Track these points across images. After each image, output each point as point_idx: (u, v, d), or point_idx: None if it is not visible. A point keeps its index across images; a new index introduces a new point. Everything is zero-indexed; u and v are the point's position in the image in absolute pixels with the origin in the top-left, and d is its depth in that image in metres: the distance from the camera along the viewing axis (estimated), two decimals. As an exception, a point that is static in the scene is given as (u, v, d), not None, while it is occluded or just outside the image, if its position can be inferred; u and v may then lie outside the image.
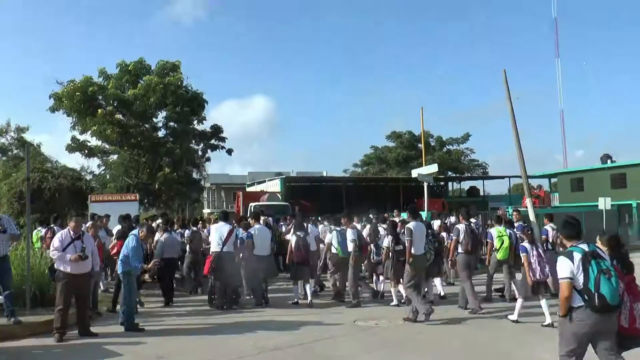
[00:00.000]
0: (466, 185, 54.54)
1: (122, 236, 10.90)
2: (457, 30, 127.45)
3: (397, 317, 9.49)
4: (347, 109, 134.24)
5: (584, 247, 4.99)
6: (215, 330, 8.76)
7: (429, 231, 10.17)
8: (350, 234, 11.07)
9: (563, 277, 4.92)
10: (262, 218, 12.71)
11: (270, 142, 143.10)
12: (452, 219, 15.35)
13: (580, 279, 4.85)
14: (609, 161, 40.33)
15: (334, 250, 11.31)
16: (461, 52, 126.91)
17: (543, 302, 8.82)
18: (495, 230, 10.77)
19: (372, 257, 11.71)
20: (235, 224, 12.10)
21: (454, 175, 53.54)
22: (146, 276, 11.09)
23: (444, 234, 12.22)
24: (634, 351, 5.23)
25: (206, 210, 53.65)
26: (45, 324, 8.41)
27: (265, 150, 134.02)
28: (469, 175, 54.98)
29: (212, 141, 30.50)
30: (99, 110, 25.51)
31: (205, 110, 29.71)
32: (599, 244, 5.43)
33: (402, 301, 9.91)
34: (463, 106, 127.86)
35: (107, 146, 28.62)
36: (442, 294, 11.57)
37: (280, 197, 31.14)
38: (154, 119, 29.10)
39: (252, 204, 25.83)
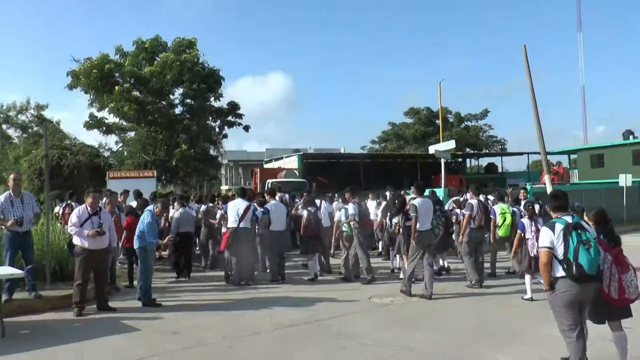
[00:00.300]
0: (484, 161, 54.03)
1: (132, 212, 11.01)
2: (476, 4, 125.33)
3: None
4: (366, 86, 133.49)
5: (568, 218, 5.14)
6: (231, 306, 8.84)
7: (437, 207, 10.06)
8: (351, 209, 10.95)
9: (542, 246, 5.14)
10: (277, 194, 12.78)
11: (287, 119, 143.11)
12: (468, 195, 15.22)
13: (561, 249, 5.02)
14: (630, 137, 39.65)
15: (343, 228, 11.17)
16: (480, 27, 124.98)
17: (527, 278, 9.00)
18: (499, 207, 10.75)
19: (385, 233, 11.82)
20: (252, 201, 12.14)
21: (472, 151, 53.07)
22: (163, 252, 11.21)
23: (458, 211, 12.13)
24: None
25: (224, 187, 53.90)
26: (64, 299, 8.55)
27: (283, 127, 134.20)
28: (487, 151, 54.46)
29: (229, 118, 30.42)
30: (116, 88, 25.54)
31: (221, 87, 29.61)
32: (586, 218, 5.52)
33: (419, 277, 9.91)
34: (483, 82, 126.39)
35: (124, 123, 28.72)
36: (445, 265, 11.82)
37: (297, 173, 31.11)
38: (170, 96, 29.07)
39: (270, 181, 25.85)
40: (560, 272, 5.05)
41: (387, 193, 14.73)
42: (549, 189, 19.21)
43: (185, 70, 26.91)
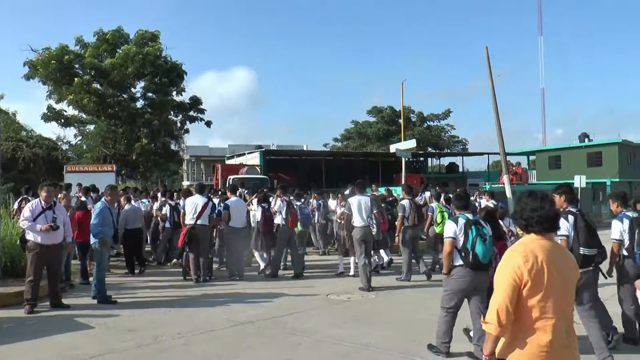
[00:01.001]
0: (445, 161, 54.88)
1: (82, 207, 10.86)
2: (440, 6, 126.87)
3: (370, 292, 9.65)
4: (330, 84, 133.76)
5: (469, 216, 6.00)
6: (188, 303, 8.81)
7: (382, 205, 11.25)
8: (277, 206, 11.63)
9: (447, 236, 5.93)
10: (238, 191, 12.79)
11: (251, 115, 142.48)
12: (427, 194, 15.50)
13: (461, 240, 5.80)
14: (586, 140, 40.84)
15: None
16: (445, 29, 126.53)
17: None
18: (436, 205, 11.75)
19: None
20: (210, 197, 12.14)
21: (434, 151, 53.79)
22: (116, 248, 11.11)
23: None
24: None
25: (185, 183, 53.36)
26: (15, 296, 8.39)
27: (246, 123, 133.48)
28: (448, 151, 55.28)
29: (191, 113, 30.15)
30: (76, 79, 25.01)
31: (184, 81, 29.41)
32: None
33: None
34: (446, 83, 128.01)
35: (84, 116, 28.18)
36: (385, 259, 12.21)
37: (259, 170, 31.03)
38: (132, 89, 28.69)
39: (231, 177, 25.73)
40: (458, 261, 5.83)
41: (347, 192, 14.85)
42: (507, 189, 19.71)
43: (147, 64, 26.55)
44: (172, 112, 29.51)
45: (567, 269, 3.04)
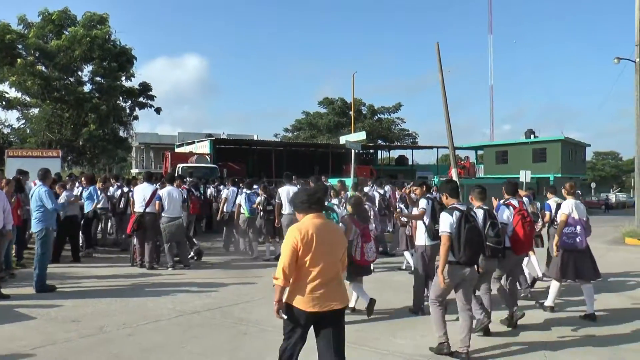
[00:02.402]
0: (395, 154, 55.61)
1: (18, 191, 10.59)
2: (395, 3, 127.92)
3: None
4: (282, 74, 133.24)
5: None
6: (134, 292, 8.77)
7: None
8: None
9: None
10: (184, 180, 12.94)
11: (202, 103, 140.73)
12: (366, 189, 15.79)
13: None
14: (532, 136, 42.17)
15: (242, 211, 12.48)
16: (398, 23, 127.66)
17: (406, 254, 10.73)
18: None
19: None
20: (158, 185, 12.08)
21: (384, 143, 54.41)
22: None
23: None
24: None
25: (134, 170, 52.38)
26: (-47, 284, 8.15)
27: (197, 111, 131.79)
28: (398, 144, 56.01)
29: (141, 99, 29.58)
30: (19, 60, 24.11)
31: (134, 66, 28.77)
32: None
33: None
34: (397, 76, 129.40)
35: (27, 98, 27.18)
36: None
37: (208, 159, 30.76)
38: (79, 73, 27.84)
39: (180, 165, 25.45)
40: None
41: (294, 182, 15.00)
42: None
43: (95, 47, 25.81)
44: (121, 98, 28.80)
45: (332, 239, 4.27)
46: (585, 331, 6.88)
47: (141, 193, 11.14)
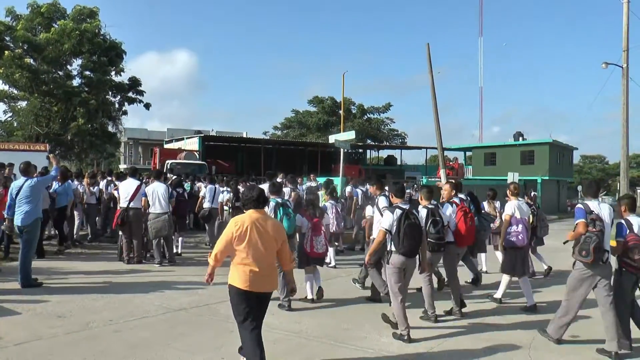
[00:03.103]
0: (384, 153, 55.79)
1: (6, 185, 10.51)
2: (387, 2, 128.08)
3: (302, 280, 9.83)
4: (272, 72, 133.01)
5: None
6: (121, 289, 8.73)
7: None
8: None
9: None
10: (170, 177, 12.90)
11: (192, 100, 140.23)
12: (348, 188, 15.88)
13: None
14: (520, 139, 42.44)
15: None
16: (389, 23, 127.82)
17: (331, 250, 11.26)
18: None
19: None
20: (144, 181, 12.16)
21: (373, 143, 54.55)
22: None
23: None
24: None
25: (122, 166, 52.08)
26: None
27: (187, 107, 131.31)
28: (387, 144, 56.18)
29: (130, 94, 29.38)
30: (6, 52, 23.86)
31: (123, 61, 28.58)
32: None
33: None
34: (388, 76, 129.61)
35: (15, 91, 26.91)
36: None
37: (197, 155, 30.68)
38: (68, 67, 27.61)
39: (169, 161, 25.41)
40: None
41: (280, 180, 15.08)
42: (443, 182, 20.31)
43: (85, 41, 25.61)
44: (110, 93, 28.62)
45: (267, 232, 4.96)
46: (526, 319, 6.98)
47: (126, 188, 11.19)
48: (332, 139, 18.46)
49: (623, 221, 6.19)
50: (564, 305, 6.39)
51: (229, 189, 13.60)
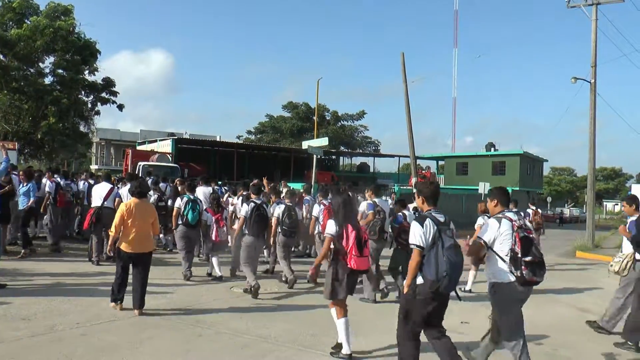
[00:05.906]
0: (357, 160, 56.09)
1: None
2: (361, 9, 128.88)
3: (273, 285, 9.87)
4: (247, 76, 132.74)
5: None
6: (89, 291, 8.63)
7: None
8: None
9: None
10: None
11: (165, 101, 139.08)
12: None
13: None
14: (492, 149, 43.10)
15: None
16: (364, 31, 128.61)
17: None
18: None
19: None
20: (116, 184, 12.19)
21: (346, 150, 54.81)
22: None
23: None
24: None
25: (94, 166, 51.39)
26: None
27: (160, 109, 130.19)
28: (360, 151, 56.50)
29: (103, 94, 29.07)
30: (-25, 47, 23.50)
31: (97, 61, 28.30)
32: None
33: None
34: (362, 84, 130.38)
35: (-17, 88, 26.46)
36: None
37: (170, 158, 30.44)
38: (40, 64, 27.23)
39: (141, 163, 25.14)
40: None
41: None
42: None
43: (58, 38, 25.34)
44: (83, 92, 28.29)
45: (144, 211, 7.47)
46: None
47: (98, 190, 11.37)
48: (305, 144, 18.54)
49: None
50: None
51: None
